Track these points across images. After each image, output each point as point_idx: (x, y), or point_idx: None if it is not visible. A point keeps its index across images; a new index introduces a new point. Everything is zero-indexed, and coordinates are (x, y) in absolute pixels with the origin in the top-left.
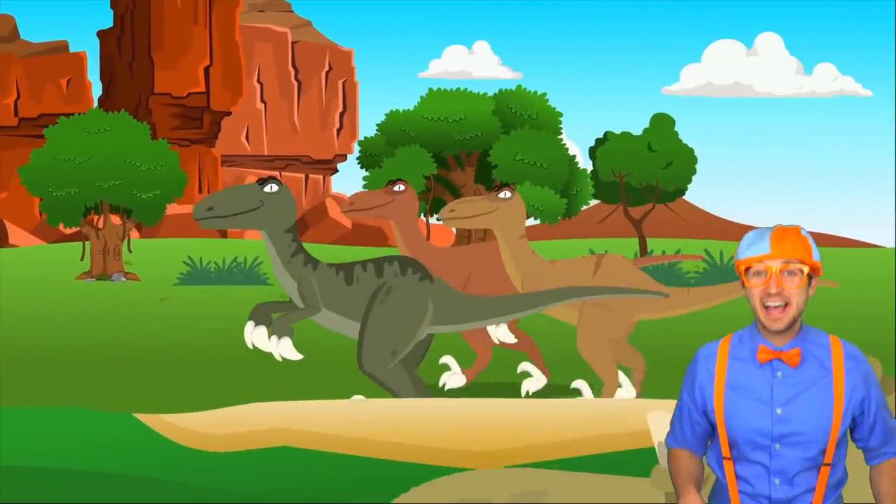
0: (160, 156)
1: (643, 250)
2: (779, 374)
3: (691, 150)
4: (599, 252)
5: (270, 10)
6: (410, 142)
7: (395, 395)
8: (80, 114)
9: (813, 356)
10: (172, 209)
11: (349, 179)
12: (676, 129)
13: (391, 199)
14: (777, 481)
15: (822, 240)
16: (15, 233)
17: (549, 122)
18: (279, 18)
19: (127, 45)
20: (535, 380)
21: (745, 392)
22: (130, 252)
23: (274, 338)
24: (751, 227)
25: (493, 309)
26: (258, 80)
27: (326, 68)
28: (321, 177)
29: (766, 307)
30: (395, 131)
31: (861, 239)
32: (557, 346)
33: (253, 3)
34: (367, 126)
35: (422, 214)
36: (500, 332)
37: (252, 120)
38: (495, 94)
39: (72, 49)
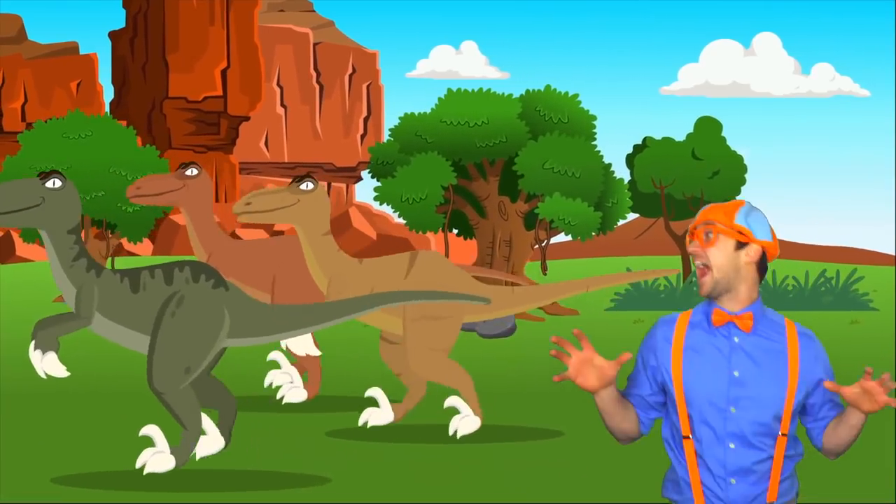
0: (148, 164)
1: (687, 270)
2: (735, 339)
3: (740, 158)
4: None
5: (291, 9)
6: (427, 148)
7: (183, 425)
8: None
9: (767, 328)
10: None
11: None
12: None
13: (182, 185)
14: (732, 445)
15: (820, 252)
16: (24, 245)
17: (581, 127)
18: (300, 18)
19: (140, 46)
20: (294, 388)
21: (702, 354)
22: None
23: (38, 352)
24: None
25: (297, 319)
26: (278, 84)
27: (350, 71)
28: (344, 185)
29: (697, 269)
30: (410, 136)
31: (859, 245)
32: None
33: (272, 3)
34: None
35: (440, 230)
36: (304, 345)
37: (272, 125)
38: (522, 95)
39: (82, 51)
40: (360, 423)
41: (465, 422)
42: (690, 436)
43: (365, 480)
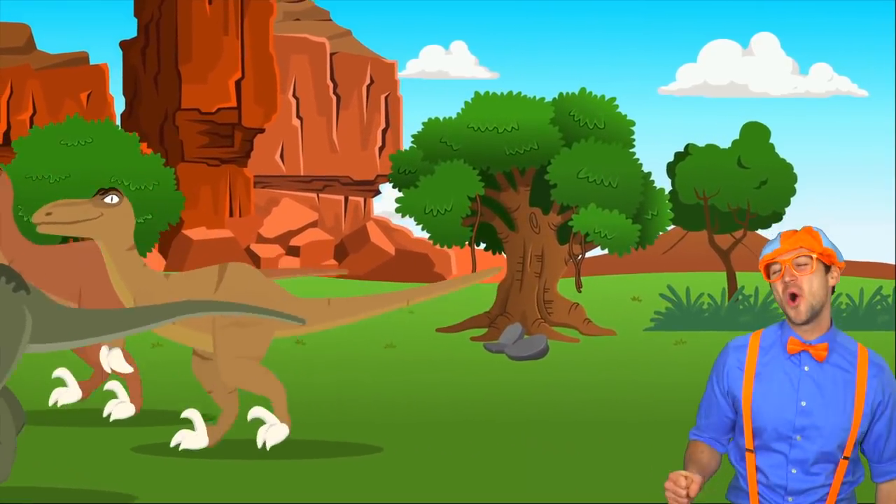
0: (153, 173)
1: (732, 287)
2: (806, 367)
3: (790, 167)
4: (678, 288)
5: (307, 18)
6: (453, 156)
7: None
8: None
9: (840, 355)
10: (201, 234)
11: (393, 202)
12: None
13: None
14: (794, 471)
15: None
16: None
17: (619, 133)
18: (317, 28)
19: (152, 56)
20: (122, 404)
21: (772, 382)
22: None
23: None
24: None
25: (101, 324)
26: (294, 95)
27: (368, 81)
28: (362, 199)
29: (787, 298)
30: (434, 143)
31: (858, 258)
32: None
33: (288, 12)
34: None
35: (466, 244)
36: (113, 361)
37: (287, 138)
38: (554, 98)
39: (92, 61)
40: (173, 444)
41: (273, 431)
42: (754, 450)
43: (172, 498)
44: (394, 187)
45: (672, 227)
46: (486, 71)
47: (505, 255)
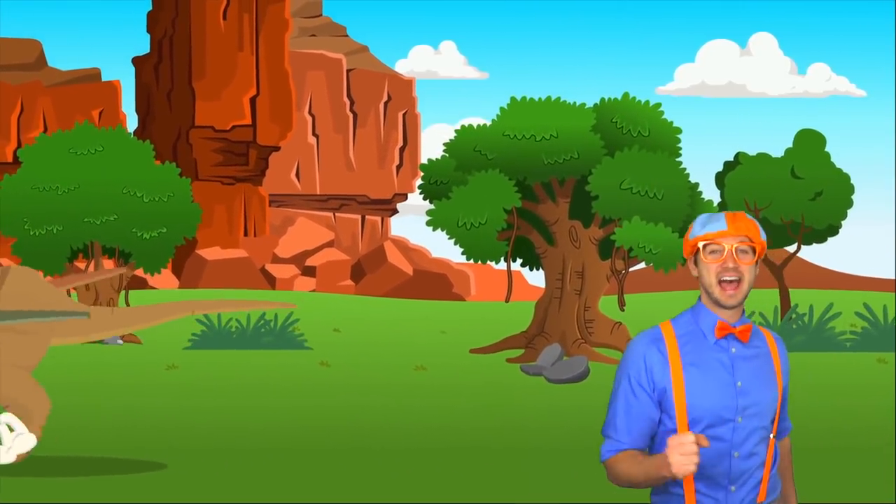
0: (167, 184)
1: (785, 305)
2: (733, 349)
3: (846, 177)
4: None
5: (323, 34)
6: (488, 166)
7: None
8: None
9: (754, 335)
10: (215, 254)
11: (410, 221)
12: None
13: None
14: (737, 455)
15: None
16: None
17: (664, 141)
18: (333, 44)
19: (165, 73)
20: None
21: (704, 368)
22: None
23: None
24: None
25: None
26: (310, 112)
27: (385, 98)
28: (379, 218)
29: (721, 282)
30: (468, 152)
31: (859, 258)
32: None
33: (304, 27)
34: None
35: (502, 259)
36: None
37: (303, 156)
38: (596, 104)
39: (104, 77)
40: (7, 462)
41: (20, 440)
42: None
43: None
44: (424, 198)
45: None
46: (475, 71)
47: (543, 271)
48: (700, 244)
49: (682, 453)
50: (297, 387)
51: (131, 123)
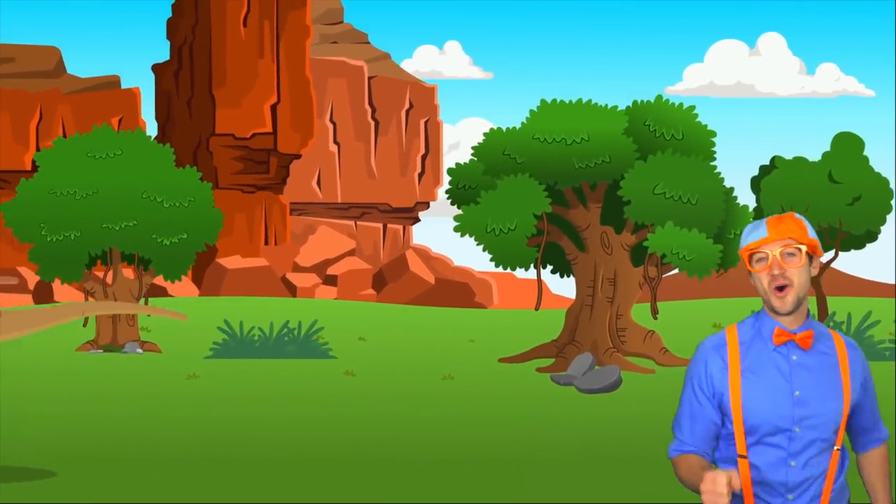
0: (188, 189)
1: (822, 313)
2: (794, 357)
3: (885, 182)
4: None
5: (345, 41)
6: (517, 170)
7: None
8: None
9: (820, 341)
10: (236, 262)
11: (433, 230)
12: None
13: None
14: (794, 464)
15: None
16: (64, 289)
17: (699, 145)
18: (354, 51)
19: (185, 80)
20: None
21: (762, 376)
22: (149, 315)
23: None
24: None
25: None
26: (331, 120)
27: (407, 106)
28: (401, 227)
29: (774, 290)
30: (497, 156)
31: (865, 259)
32: None
33: (325, 34)
34: None
35: (532, 266)
36: None
37: (324, 164)
38: (628, 107)
39: (124, 85)
40: None
41: None
42: (746, 455)
43: None
44: (452, 203)
45: None
46: (480, 71)
47: (574, 278)
48: (746, 255)
49: (712, 493)
50: (321, 396)
51: (151, 131)
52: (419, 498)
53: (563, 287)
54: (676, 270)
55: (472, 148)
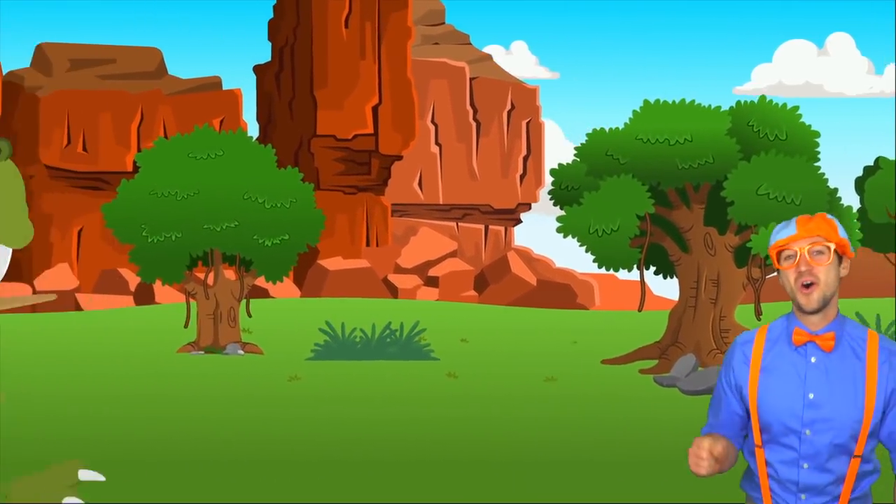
0: (290, 190)
1: None
2: (812, 359)
3: None
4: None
5: (446, 42)
6: (620, 170)
7: None
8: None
9: (847, 344)
10: (337, 264)
11: (534, 231)
12: None
13: None
14: (806, 466)
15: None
16: (165, 291)
17: (803, 145)
18: (456, 52)
19: (287, 81)
20: None
21: (778, 374)
22: (250, 317)
23: None
24: None
25: None
26: (432, 121)
27: (508, 107)
28: (503, 228)
29: (801, 287)
30: (600, 157)
31: None
32: None
33: (427, 36)
34: None
35: (635, 267)
36: None
37: (426, 165)
38: (731, 107)
39: (225, 86)
40: None
41: None
42: (762, 446)
43: None
44: (555, 204)
45: (860, 248)
46: (546, 71)
47: (677, 280)
48: (775, 252)
49: (694, 455)
50: (423, 398)
51: (252, 132)
52: (524, 498)
53: (666, 288)
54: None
55: (575, 148)
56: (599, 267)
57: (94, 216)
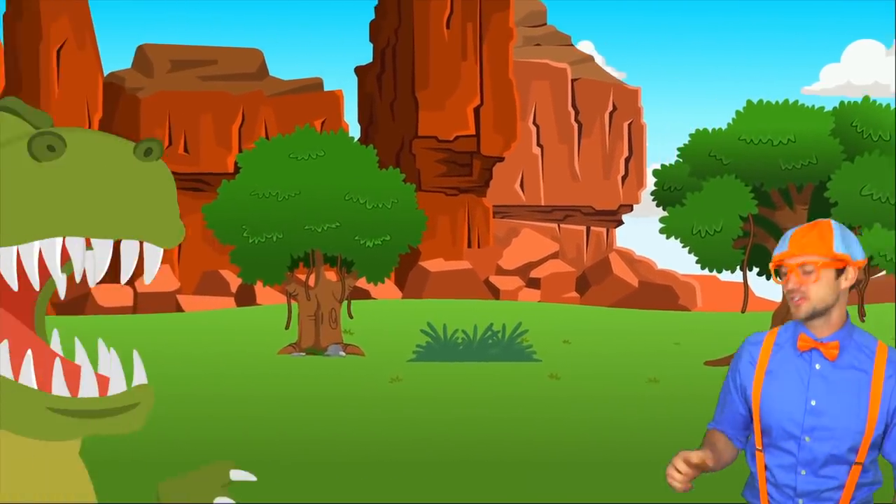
0: (392, 190)
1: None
2: (817, 366)
3: None
4: None
5: (548, 43)
6: (723, 171)
7: None
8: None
9: (854, 354)
10: (439, 265)
11: (635, 232)
12: None
13: None
14: (804, 472)
15: None
16: (266, 292)
17: None
18: (557, 53)
19: (388, 82)
20: None
21: (782, 379)
22: (352, 318)
23: None
24: None
25: None
26: (534, 122)
27: (610, 108)
28: (604, 229)
29: (791, 299)
30: (703, 157)
31: None
32: None
33: (528, 37)
34: None
35: (738, 267)
36: None
37: (527, 166)
38: (835, 108)
39: (326, 87)
40: None
41: None
42: (763, 449)
43: None
44: (658, 205)
45: None
46: (613, 71)
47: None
48: (773, 267)
49: (670, 467)
50: (525, 399)
51: (353, 134)
52: (624, 499)
53: (769, 289)
54: (884, 273)
55: (678, 149)
56: (702, 268)
57: (195, 217)
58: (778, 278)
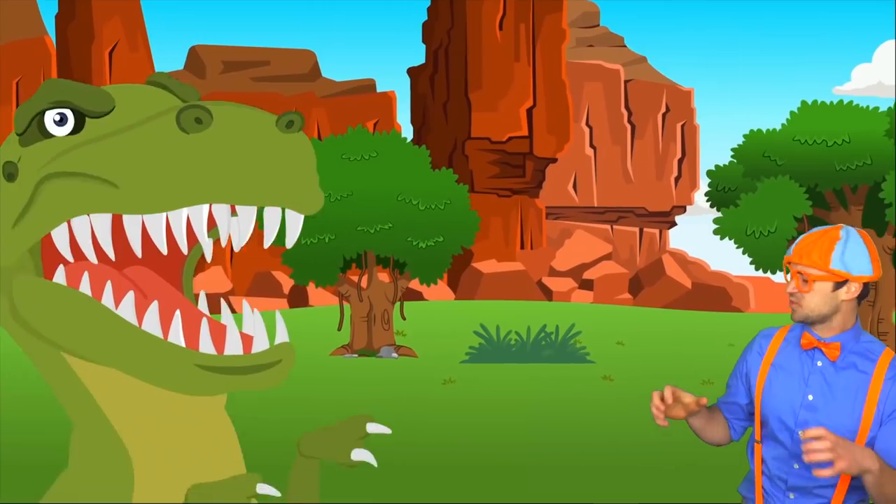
0: (445, 191)
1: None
2: (819, 363)
3: None
4: None
5: (601, 45)
6: (777, 172)
7: None
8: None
9: (857, 357)
10: (492, 267)
11: (688, 234)
12: None
13: None
14: (796, 466)
15: None
16: (318, 293)
17: None
18: (611, 54)
19: (441, 83)
20: None
21: (784, 372)
22: (404, 319)
23: None
24: None
25: None
26: (587, 124)
27: (663, 110)
28: (657, 231)
29: (790, 301)
30: (757, 158)
31: None
32: None
33: (581, 38)
34: None
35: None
36: None
37: (580, 167)
38: (889, 108)
39: (379, 88)
40: None
41: None
42: (761, 442)
43: None
44: (712, 206)
45: None
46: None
47: None
48: (784, 265)
49: (652, 403)
50: (580, 401)
51: (406, 134)
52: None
53: None
54: None
55: (732, 150)
56: (757, 269)
57: None
58: (787, 276)
